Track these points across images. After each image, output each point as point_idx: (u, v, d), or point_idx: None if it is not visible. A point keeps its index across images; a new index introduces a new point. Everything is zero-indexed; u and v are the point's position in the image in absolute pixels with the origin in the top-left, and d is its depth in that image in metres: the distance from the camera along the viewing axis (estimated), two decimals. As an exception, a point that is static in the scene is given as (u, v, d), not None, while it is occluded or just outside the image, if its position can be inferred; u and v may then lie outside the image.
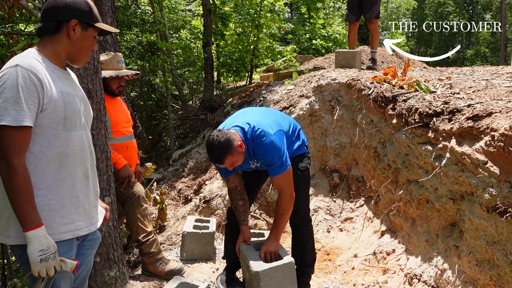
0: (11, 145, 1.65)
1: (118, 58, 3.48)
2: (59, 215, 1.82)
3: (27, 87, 1.67)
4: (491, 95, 2.92)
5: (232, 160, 2.69)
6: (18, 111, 1.65)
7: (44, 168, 1.78)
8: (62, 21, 1.83)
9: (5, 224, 1.77)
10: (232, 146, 2.63)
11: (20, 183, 1.66)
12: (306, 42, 13.34)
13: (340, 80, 5.00)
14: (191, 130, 8.59)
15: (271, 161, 2.77)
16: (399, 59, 8.70)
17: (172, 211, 4.80)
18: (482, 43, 40.96)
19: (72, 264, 1.82)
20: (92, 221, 2.00)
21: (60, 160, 1.82)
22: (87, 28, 1.89)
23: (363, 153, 4.41)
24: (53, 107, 1.76)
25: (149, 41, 11.50)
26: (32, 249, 1.67)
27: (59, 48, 1.86)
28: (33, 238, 1.67)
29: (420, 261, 3.09)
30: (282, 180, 2.84)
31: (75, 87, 1.97)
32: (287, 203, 2.87)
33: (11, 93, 1.64)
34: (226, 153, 2.64)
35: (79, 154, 1.91)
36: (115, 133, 3.41)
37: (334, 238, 4.31)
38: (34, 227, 1.68)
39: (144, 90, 11.28)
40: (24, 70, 1.68)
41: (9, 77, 1.66)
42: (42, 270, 1.70)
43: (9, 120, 1.63)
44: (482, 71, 4.40)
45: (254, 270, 2.72)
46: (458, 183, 2.66)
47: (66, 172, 1.85)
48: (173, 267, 3.38)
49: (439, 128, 2.89)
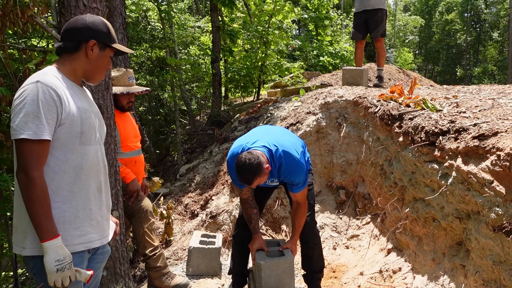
0: (30, 157, 1.71)
1: (129, 74, 3.54)
2: (72, 227, 1.87)
3: (47, 103, 1.74)
4: (497, 115, 2.93)
5: (259, 181, 2.84)
6: (38, 125, 1.72)
7: (60, 181, 1.83)
8: (81, 41, 1.92)
9: (21, 235, 1.82)
10: (262, 169, 2.77)
11: (38, 194, 1.71)
12: (313, 58, 13.45)
13: (347, 97, 5.04)
14: (199, 145, 8.65)
15: (297, 181, 3.03)
16: (406, 77, 8.73)
17: (179, 226, 4.82)
18: (490, 61, 40.98)
19: (87, 274, 1.86)
20: (104, 234, 2.05)
21: (75, 173, 1.88)
22: (105, 48, 1.99)
23: (370, 170, 4.42)
24: (71, 122, 1.83)
25: (159, 56, 11.66)
26: (49, 259, 1.72)
27: (77, 66, 1.95)
28: (49, 249, 1.72)
29: (427, 280, 3.07)
30: (302, 195, 3.14)
31: (90, 103, 2.05)
32: (304, 212, 3.20)
33: (31, 108, 1.71)
34: (256, 175, 2.77)
35: (93, 168, 1.97)
36: (124, 148, 3.46)
37: (340, 255, 4.30)
38: (51, 238, 1.73)
39: (153, 105, 11.40)
40: (45, 86, 1.76)
41: (30, 93, 1.74)
42: (58, 280, 1.74)
43: (29, 133, 1.70)
44: (488, 90, 4.42)
45: (257, 262, 3.13)
46: (464, 202, 2.66)
47: (81, 185, 1.90)
48: (178, 282, 3.39)
49: (445, 146, 2.90)
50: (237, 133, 6.40)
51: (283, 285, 3.20)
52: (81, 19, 1.96)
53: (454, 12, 42.51)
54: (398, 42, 37.28)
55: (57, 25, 3.16)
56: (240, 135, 6.24)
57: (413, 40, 43.80)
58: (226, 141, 6.40)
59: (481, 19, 42.58)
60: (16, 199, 1.83)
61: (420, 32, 43.99)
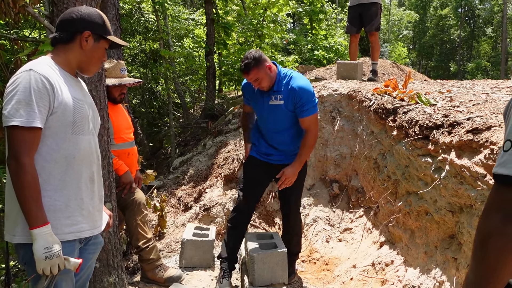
0: (21, 144, 1.72)
1: (120, 66, 3.51)
2: (63, 215, 1.87)
3: (39, 91, 1.75)
4: (490, 109, 2.95)
5: (258, 75, 3.08)
6: (29, 112, 1.72)
7: (51, 169, 1.83)
8: (76, 32, 1.93)
9: (12, 223, 1.83)
10: (260, 61, 3.06)
11: (28, 181, 1.71)
12: (308, 52, 13.42)
13: (341, 91, 5.04)
14: (192, 138, 8.63)
15: (306, 100, 3.13)
16: (400, 72, 8.75)
17: (172, 218, 4.81)
18: (483, 56, 41.17)
19: (76, 262, 1.85)
20: (95, 224, 2.04)
21: (67, 163, 1.88)
22: (99, 39, 1.99)
23: (363, 164, 4.43)
24: (63, 111, 1.83)
25: (152, 49, 11.59)
26: (38, 246, 1.72)
27: (71, 57, 1.95)
28: (38, 236, 1.72)
29: (419, 273, 3.10)
30: (312, 121, 3.20)
31: (84, 94, 2.05)
32: (312, 140, 3.25)
33: (23, 95, 1.72)
34: (255, 65, 3.04)
35: (86, 158, 1.97)
36: (117, 139, 3.44)
37: (333, 248, 4.32)
38: (40, 225, 1.73)
39: (146, 98, 11.35)
40: (37, 75, 1.76)
41: (23, 80, 1.75)
42: (47, 267, 1.74)
43: (21, 120, 1.70)
44: (482, 84, 4.44)
45: (250, 254, 3.21)
46: (457, 196, 2.68)
47: (73, 175, 1.90)
48: (172, 274, 3.39)
49: (439, 140, 2.92)
50: (231, 126, 6.39)
51: (276, 277, 3.24)
52: (77, 10, 1.96)
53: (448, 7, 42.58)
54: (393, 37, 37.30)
55: (50, 15, 3.11)
56: (234, 128, 6.25)
57: (407, 35, 43.86)
58: (220, 134, 6.38)
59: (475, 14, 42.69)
60: (8, 187, 1.82)
61: (414, 27, 44.04)
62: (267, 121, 3.35)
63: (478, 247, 1.15)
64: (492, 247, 1.10)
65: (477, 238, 1.16)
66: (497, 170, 1.10)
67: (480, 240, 1.14)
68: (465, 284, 1.21)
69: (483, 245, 1.13)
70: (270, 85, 3.19)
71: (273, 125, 3.33)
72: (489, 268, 1.12)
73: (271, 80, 3.17)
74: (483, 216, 1.13)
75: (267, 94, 3.24)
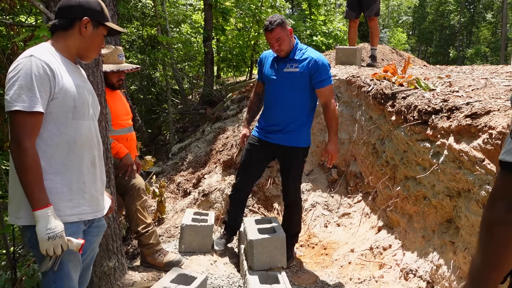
0: (23, 129, 1.76)
1: (118, 52, 3.49)
2: (66, 198, 1.92)
3: (40, 76, 1.78)
4: (490, 94, 2.94)
5: (280, 34, 3.25)
6: (31, 97, 1.76)
7: (52, 153, 1.88)
8: (75, 18, 1.96)
9: (16, 206, 1.87)
10: (284, 23, 3.27)
11: (30, 164, 1.75)
12: (306, 38, 13.32)
13: (340, 76, 5.02)
14: (191, 124, 8.60)
15: (323, 70, 3.30)
16: (399, 57, 8.71)
17: (171, 204, 4.83)
18: (483, 42, 40.95)
19: (78, 243, 1.88)
20: (98, 208, 2.10)
21: (68, 147, 1.92)
22: (98, 26, 2.03)
23: (362, 150, 4.44)
24: (64, 96, 1.87)
25: (150, 34, 11.49)
26: (41, 227, 1.76)
27: (71, 43, 1.99)
28: (41, 217, 1.76)
29: (416, 257, 3.12)
30: (329, 92, 3.38)
31: (84, 80, 2.09)
32: (333, 112, 3.40)
33: (25, 81, 1.76)
34: (279, 24, 3.24)
35: (87, 143, 2.01)
36: (115, 125, 3.43)
37: (331, 233, 4.34)
38: (43, 207, 1.77)
39: (144, 84, 11.29)
40: (38, 60, 1.80)
41: (24, 66, 1.78)
42: (50, 248, 1.79)
43: (23, 105, 1.74)
44: (481, 70, 4.43)
45: (249, 239, 3.24)
46: (455, 180, 2.69)
47: (74, 159, 1.95)
48: (171, 259, 3.41)
49: (437, 125, 2.92)
50: (229, 112, 6.38)
51: (275, 261, 3.27)
52: None
53: (448, -8, 42.23)
54: (392, 23, 37.05)
55: (45, 0, 3.08)
56: (232, 114, 6.23)
57: (407, 20, 43.56)
58: (218, 120, 6.37)
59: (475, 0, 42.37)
60: (11, 171, 1.87)
61: (414, 13, 43.70)
62: (278, 90, 3.43)
63: (483, 234, 1.16)
64: (496, 235, 1.12)
65: (482, 225, 1.17)
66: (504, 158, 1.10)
67: (485, 228, 1.15)
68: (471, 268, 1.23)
69: (488, 233, 1.14)
70: (288, 50, 3.35)
71: (283, 94, 3.41)
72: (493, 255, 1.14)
73: (290, 45, 3.34)
74: (488, 204, 1.14)
75: (283, 62, 3.40)
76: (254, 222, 3.55)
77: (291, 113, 3.40)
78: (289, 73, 3.35)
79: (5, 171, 5.61)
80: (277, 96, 3.45)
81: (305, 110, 3.44)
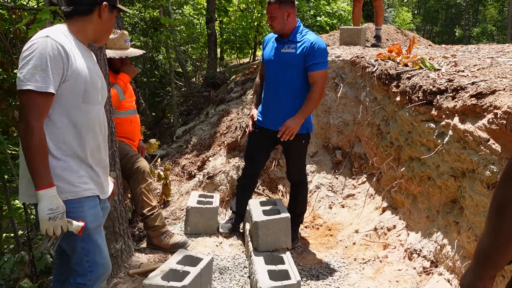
0: (33, 108, 1.77)
1: (125, 37, 3.47)
2: (76, 175, 1.95)
3: (54, 57, 1.80)
4: (495, 73, 2.91)
5: (275, 11, 3.24)
6: (44, 78, 1.77)
7: (60, 135, 1.90)
8: (94, 4, 1.99)
9: (27, 184, 1.88)
10: (285, 3, 3.24)
11: (37, 143, 1.77)
12: (310, 19, 13.15)
13: (344, 57, 4.98)
14: (195, 107, 8.59)
15: (318, 54, 3.26)
16: (404, 37, 8.61)
17: (176, 186, 4.86)
18: (489, 21, 40.32)
19: (78, 225, 1.90)
20: (103, 190, 2.13)
21: (76, 130, 1.94)
22: (113, 9, 2.07)
23: (366, 131, 4.43)
24: (75, 79, 1.89)
25: (152, 17, 11.39)
26: (42, 207, 1.78)
27: (89, 28, 2.02)
28: (44, 197, 1.78)
29: (420, 237, 3.14)
30: (320, 76, 3.31)
31: (94, 64, 2.10)
32: (317, 94, 3.33)
33: (39, 61, 1.77)
34: (278, 1, 3.23)
35: (94, 127, 2.04)
36: (120, 107, 3.44)
37: (336, 214, 4.37)
38: (46, 187, 1.79)
39: (147, 67, 11.23)
40: (54, 42, 1.82)
41: (39, 46, 1.79)
42: (50, 228, 1.81)
43: (36, 85, 1.76)
44: (487, 49, 4.37)
45: (254, 220, 3.28)
46: (460, 160, 2.68)
47: (81, 142, 1.97)
48: (177, 240, 3.45)
49: (442, 105, 2.90)
50: (233, 95, 6.36)
51: (280, 242, 3.31)
52: None
53: (454, -31, 41.43)
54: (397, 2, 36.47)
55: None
56: (236, 96, 6.21)
57: (412, -1, 42.90)
58: (222, 103, 6.35)
59: (482, -23, 41.58)
60: (21, 151, 1.89)
61: (419, -9, 43.04)
62: (274, 71, 3.43)
63: (493, 215, 1.15)
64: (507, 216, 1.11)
65: (493, 206, 1.16)
66: None
67: (495, 208, 1.14)
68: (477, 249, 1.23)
69: (499, 214, 1.13)
70: (281, 30, 3.33)
71: (279, 75, 3.40)
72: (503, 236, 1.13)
73: (283, 25, 3.30)
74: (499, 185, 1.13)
75: (281, 43, 3.39)
76: (259, 204, 3.57)
77: (287, 95, 3.39)
78: (286, 53, 3.35)
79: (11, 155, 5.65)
80: (273, 78, 3.44)
81: (301, 93, 3.39)
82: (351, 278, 3.22)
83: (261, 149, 3.70)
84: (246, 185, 3.86)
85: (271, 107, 3.49)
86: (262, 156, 3.78)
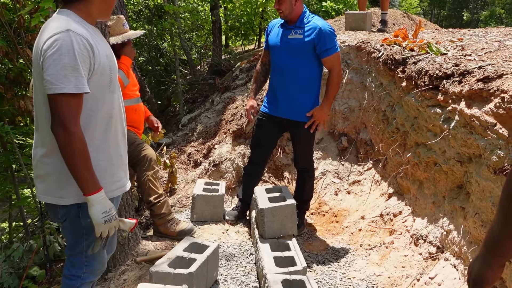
0: (68, 111, 1.65)
1: (122, 21, 3.45)
2: (108, 174, 1.89)
3: (82, 53, 1.67)
4: (503, 57, 2.87)
5: None
6: (77, 78, 1.65)
7: (93, 131, 1.82)
8: None
9: (54, 185, 1.83)
10: None
11: (80, 148, 1.68)
12: (315, 4, 13.02)
13: (350, 42, 4.93)
14: (200, 95, 8.58)
15: (328, 39, 3.26)
16: (411, 22, 8.50)
17: (182, 174, 4.88)
18: (498, 3, 39.66)
19: (131, 223, 1.92)
20: (127, 177, 2.10)
21: (106, 122, 1.87)
22: None
23: (372, 117, 4.40)
24: (101, 71, 1.79)
25: (156, 4, 11.33)
26: (96, 212, 1.74)
27: (93, 8, 1.83)
28: (96, 202, 1.73)
29: (426, 223, 3.14)
30: (335, 59, 3.33)
31: (106, 44, 1.95)
32: (336, 78, 3.37)
33: (68, 59, 1.63)
34: None
35: (119, 115, 1.97)
36: (124, 96, 3.39)
37: (342, 200, 4.37)
38: (96, 191, 1.74)
39: (152, 55, 11.20)
40: (77, 35, 1.67)
41: (63, 43, 1.64)
42: (105, 231, 1.79)
43: (71, 87, 1.64)
44: (495, 32, 4.30)
45: (260, 207, 3.28)
46: (466, 146, 2.66)
47: (111, 134, 1.91)
48: (183, 227, 3.47)
49: (448, 90, 2.87)
50: (238, 82, 6.34)
51: (286, 229, 3.32)
52: None
53: (462, -49, 40.66)
54: (403, -14, 35.97)
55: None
56: (241, 84, 6.20)
57: (419, -17, 42.27)
58: (227, 90, 6.34)
59: (491, -41, 40.81)
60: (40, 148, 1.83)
61: (426, -26, 42.37)
62: (281, 57, 3.40)
63: (505, 202, 1.14)
64: None
65: (505, 193, 1.15)
66: None
67: (508, 195, 1.13)
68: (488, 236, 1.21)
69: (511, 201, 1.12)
70: (288, 15, 3.29)
71: (287, 61, 3.38)
72: None
73: (291, 10, 3.27)
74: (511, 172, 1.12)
75: (288, 29, 3.36)
76: (264, 191, 3.58)
77: (294, 81, 3.37)
78: (293, 39, 3.32)
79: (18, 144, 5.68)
80: (279, 64, 3.42)
81: (309, 79, 3.40)
82: (357, 264, 3.23)
83: (268, 137, 3.70)
84: (253, 173, 3.86)
85: (278, 94, 3.47)
86: (269, 144, 3.77)
